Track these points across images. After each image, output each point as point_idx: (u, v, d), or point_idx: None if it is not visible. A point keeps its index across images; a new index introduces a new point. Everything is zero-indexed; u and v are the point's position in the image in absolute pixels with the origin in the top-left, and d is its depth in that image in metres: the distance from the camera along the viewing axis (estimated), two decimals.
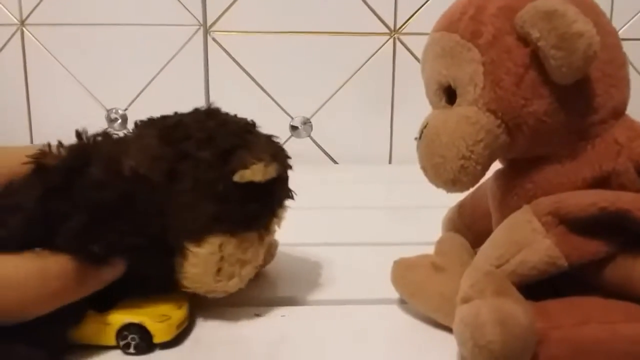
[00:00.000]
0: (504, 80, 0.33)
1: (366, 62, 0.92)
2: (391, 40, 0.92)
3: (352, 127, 0.94)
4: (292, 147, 0.95)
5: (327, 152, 0.95)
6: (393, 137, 0.94)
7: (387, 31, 0.91)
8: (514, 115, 0.33)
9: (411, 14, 0.91)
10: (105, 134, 0.38)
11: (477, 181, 0.35)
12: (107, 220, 0.34)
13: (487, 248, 0.35)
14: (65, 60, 0.92)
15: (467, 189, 0.35)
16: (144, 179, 0.36)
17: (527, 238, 0.32)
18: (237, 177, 0.36)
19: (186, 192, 0.37)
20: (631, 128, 0.34)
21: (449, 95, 0.36)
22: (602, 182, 0.33)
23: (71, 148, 0.36)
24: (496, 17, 0.33)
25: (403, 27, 0.91)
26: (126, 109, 0.94)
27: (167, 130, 0.39)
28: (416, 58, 0.92)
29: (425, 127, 0.36)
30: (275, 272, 0.49)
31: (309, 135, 0.95)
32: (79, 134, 0.37)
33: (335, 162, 0.96)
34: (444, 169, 0.34)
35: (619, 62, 0.35)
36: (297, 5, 0.91)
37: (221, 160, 0.37)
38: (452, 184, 0.34)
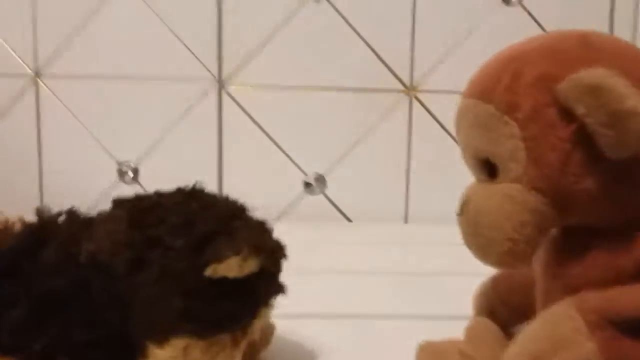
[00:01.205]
0: (549, 158, 0.30)
1: (382, 119, 0.91)
2: (407, 98, 0.90)
3: (367, 185, 0.92)
4: (306, 204, 0.94)
5: (341, 209, 0.93)
6: (409, 195, 0.92)
7: (404, 88, 0.90)
8: (563, 193, 0.31)
9: (428, 70, 0.90)
10: (70, 213, 0.35)
11: (529, 261, 0.32)
12: (54, 311, 0.31)
13: (523, 340, 0.32)
14: (77, 112, 0.91)
15: (519, 268, 0.33)
16: (102, 266, 0.32)
17: (567, 338, 0.29)
18: (209, 271, 0.32)
19: (150, 285, 0.32)
20: None
21: (489, 167, 0.33)
22: None
23: (27, 227, 0.33)
24: (534, 87, 0.31)
25: (420, 84, 0.90)
26: (138, 163, 0.92)
27: (139, 213, 0.35)
28: (432, 115, 0.90)
29: (465, 202, 0.34)
30: (273, 358, 0.43)
31: (323, 192, 0.92)
32: (39, 212, 0.34)
33: (349, 220, 0.93)
34: (490, 251, 0.32)
35: None
36: (313, 61, 0.90)
37: (195, 250, 0.33)
38: (501, 266, 0.32)
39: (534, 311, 0.38)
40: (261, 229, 0.37)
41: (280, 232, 0.94)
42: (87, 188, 0.92)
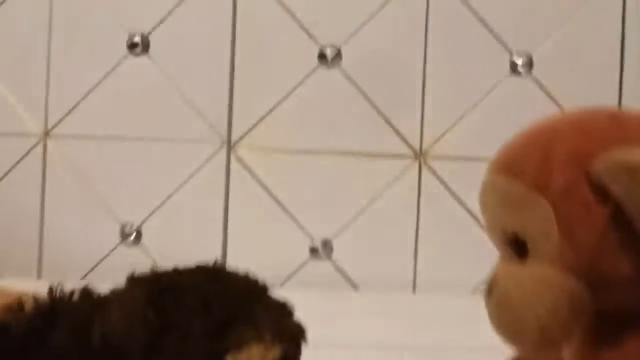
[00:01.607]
0: (584, 238, 0.29)
1: (391, 184, 0.90)
2: (416, 164, 0.90)
3: (374, 251, 0.90)
4: (311, 270, 0.92)
5: (348, 276, 0.91)
6: (417, 263, 0.90)
7: (413, 154, 0.90)
8: (600, 276, 0.29)
9: (437, 137, 0.90)
10: (84, 291, 0.34)
11: (562, 347, 0.30)
12: None
13: None
14: (83, 172, 0.91)
15: (551, 356, 0.31)
16: (116, 350, 0.31)
17: None
18: (230, 359, 0.31)
19: None
20: None
21: (518, 246, 0.32)
22: None
23: (38, 307, 0.32)
24: (566, 164, 0.30)
25: (429, 150, 0.90)
26: (141, 225, 0.91)
27: (156, 293, 0.34)
28: (442, 183, 0.89)
29: (494, 284, 0.32)
30: None
31: (329, 258, 0.90)
32: (50, 291, 0.33)
33: (356, 287, 0.90)
34: (522, 337, 0.30)
35: None
36: (322, 125, 0.90)
37: (214, 335, 0.32)
38: (533, 352, 0.30)
39: None
40: (283, 313, 0.36)
41: (285, 297, 0.91)
42: (89, 248, 0.91)
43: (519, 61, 0.89)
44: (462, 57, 0.90)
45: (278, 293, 0.90)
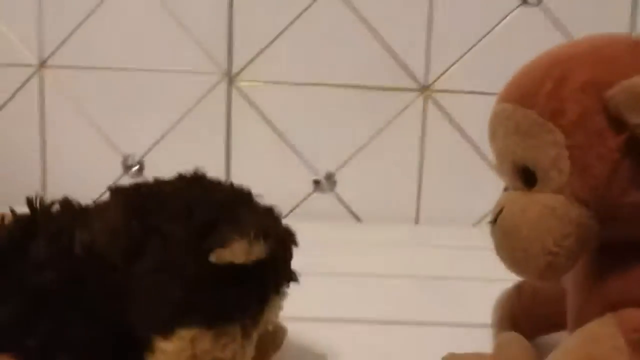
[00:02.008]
0: (595, 168, 0.28)
1: (395, 118, 0.89)
2: (422, 97, 0.88)
3: (378, 184, 0.90)
4: (315, 203, 0.92)
5: (351, 209, 0.91)
6: (421, 196, 0.90)
7: (418, 87, 0.88)
8: (609, 205, 0.29)
9: (444, 70, 0.88)
10: (65, 202, 0.33)
11: (567, 274, 0.30)
12: (46, 307, 0.29)
13: (559, 357, 0.30)
14: (83, 104, 0.90)
15: (557, 282, 0.31)
16: (98, 257, 0.30)
17: (607, 356, 0.28)
18: (214, 258, 0.30)
19: (150, 275, 0.30)
20: None
21: (527, 176, 0.31)
22: None
23: (17, 219, 0.31)
24: (582, 92, 0.29)
25: (434, 83, 0.88)
26: (143, 156, 0.90)
27: (136, 200, 0.33)
28: (447, 116, 0.88)
29: (500, 211, 0.32)
30: None
31: (333, 191, 0.91)
32: (30, 202, 0.32)
33: (359, 220, 0.91)
34: (527, 265, 0.30)
35: None
36: (326, 57, 0.88)
37: (197, 237, 0.31)
38: (538, 280, 0.30)
39: (558, 324, 0.36)
40: (268, 215, 0.35)
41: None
42: (91, 181, 0.90)
43: None
44: None
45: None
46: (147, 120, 0.90)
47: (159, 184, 0.35)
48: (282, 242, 0.34)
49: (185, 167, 0.92)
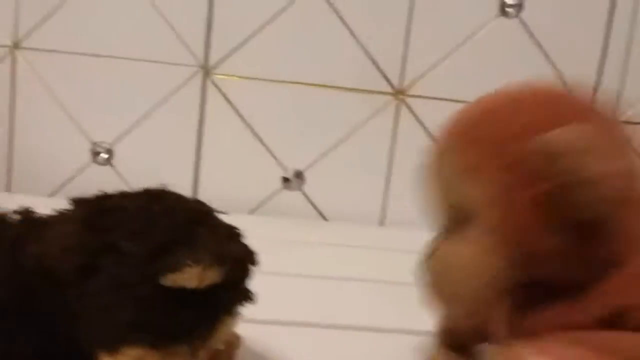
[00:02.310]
0: (521, 214, 0.29)
1: (368, 120, 0.89)
2: (395, 101, 0.89)
3: (346, 184, 0.91)
4: (283, 200, 0.92)
5: (318, 207, 0.92)
6: (388, 199, 0.91)
7: (393, 91, 0.89)
8: (532, 250, 0.30)
9: (419, 75, 0.88)
10: (25, 212, 0.33)
11: (489, 313, 0.31)
12: None
13: None
14: (55, 88, 0.89)
15: (483, 319, 0.32)
16: (49, 272, 0.30)
17: None
18: (166, 281, 0.30)
19: (102, 293, 0.30)
20: None
21: (458, 217, 0.32)
22: (618, 318, 0.30)
23: None
24: (512, 140, 0.30)
25: (409, 89, 0.89)
26: (113, 145, 0.90)
27: (95, 215, 0.33)
28: (420, 122, 0.89)
29: (431, 253, 0.32)
30: None
31: (300, 189, 0.91)
32: None
33: (325, 219, 0.92)
34: (455, 304, 0.31)
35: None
36: (303, 56, 0.88)
37: (152, 258, 0.31)
38: (465, 318, 0.31)
39: None
40: (228, 236, 0.35)
41: (254, 226, 0.93)
42: (58, 166, 0.90)
43: (509, 2, 0.87)
44: None
45: (248, 220, 0.91)
46: (120, 108, 0.89)
47: (122, 198, 0.35)
48: (240, 263, 0.35)
49: (156, 156, 0.92)
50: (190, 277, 0.31)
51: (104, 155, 0.90)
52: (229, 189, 0.89)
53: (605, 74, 0.90)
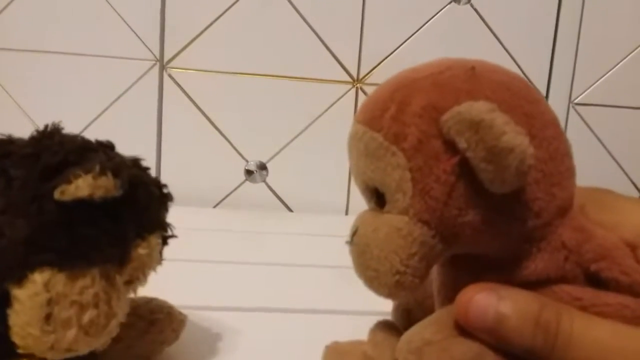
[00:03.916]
0: (434, 189, 0.29)
1: (327, 109, 0.90)
2: (353, 90, 0.90)
3: (310, 175, 0.91)
4: (247, 192, 0.92)
5: (282, 199, 0.92)
6: (351, 188, 0.92)
7: (350, 80, 0.89)
8: (448, 225, 0.30)
9: (376, 64, 0.89)
10: None
11: (416, 291, 0.32)
12: None
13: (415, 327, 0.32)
14: (9, 87, 0.87)
15: (407, 299, 0.32)
16: None
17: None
18: (57, 194, 0.29)
19: None
20: (580, 229, 0.31)
21: (378, 197, 0.32)
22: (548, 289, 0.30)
23: None
24: (420, 117, 0.30)
25: (366, 77, 0.89)
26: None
27: None
28: None
29: (355, 232, 0.33)
30: (181, 351, 0.42)
31: (264, 181, 0.91)
32: None
33: (290, 210, 0.92)
34: (378, 283, 0.31)
35: (561, 156, 0.31)
36: (259, 48, 0.88)
37: (43, 179, 0.30)
38: (389, 297, 0.31)
39: None
40: (132, 163, 0.35)
41: (219, 219, 0.92)
42: None
43: None
44: None
45: (212, 213, 0.90)
46: (77, 104, 0.88)
47: (12, 138, 0.35)
48: (139, 180, 0.34)
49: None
50: (81, 185, 0.29)
51: None
52: (192, 183, 0.89)
53: (556, 58, 0.92)
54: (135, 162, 0.36)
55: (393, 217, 0.31)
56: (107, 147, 0.35)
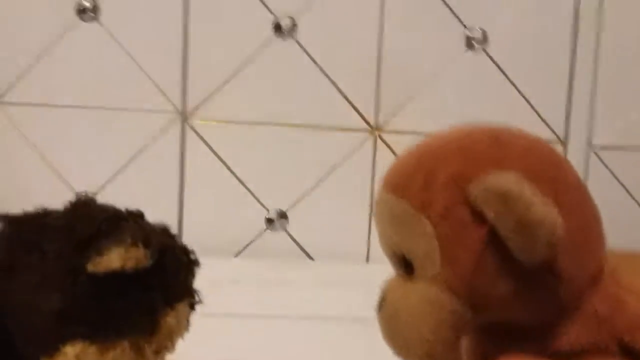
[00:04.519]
0: (462, 258, 0.29)
1: (347, 158, 0.90)
2: (372, 138, 0.90)
3: (330, 223, 0.91)
4: (267, 241, 0.93)
5: (303, 247, 0.92)
6: (371, 235, 0.92)
7: (369, 128, 0.90)
8: (478, 294, 0.30)
9: (393, 111, 0.90)
10: None
11: (448, 358, 0.31)
12: None
13: None
14: (36, 141, 0.89)
15: None
16: None
17: None
18: (90, 267, 0.30)
19: (28, 291, 0.31)
20: (613, 298, 0.31)
21: (406, 264, 0.33)
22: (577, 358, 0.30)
23: None
24: (447, 185, 0.30)
25: (384, 125, 0.90)
26: (96, 194, 0.90)
27: (19, 221, 0.34)
28: (396, 155, 0.90)
29: (383, 299, 0.33)
30: None
31: (285, 230, 0.92)
32: None
33: (311, 259, 0.92)
34: (407, 351, 0.31)
35: (589, 222, 0.31)
36: (279, 97, 0.90)
37: (76, 251, 0.31)
38: None
39: None
40: (161, 231, 0.36)
41: (241, 268, 0.92)
42: None
43: (474, 37, 0.89)
44: (418, 32, 0.90)
45: (234, 263, 0.91)
46: (101, 157, 0.90)
47: (47, 210, 0.36)
48: (170, 250, 0.34)
49: (139, 204, 0.92)
50: (113, 258, 0.30)
51: None
52: (213, 233, 0.90)
53: (574, 101, 0.92)
54: (164, 230, 0.36)
55: (422, 285, 0.31)
56: (137, 216, 0.36)
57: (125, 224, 0.33)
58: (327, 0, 0.88)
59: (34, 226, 0.33)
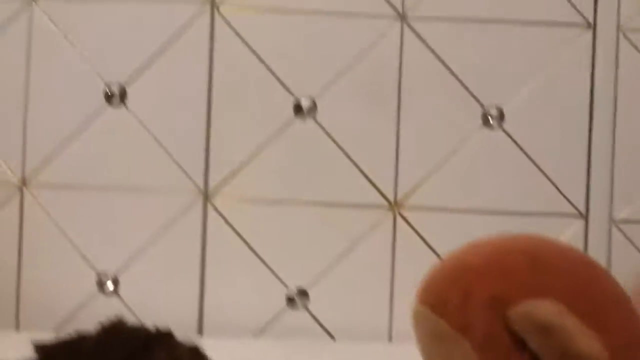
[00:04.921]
0: None
1: (366, 234, 0.91)
2: (391, 214, 0.91)
3: (351, 301, 0.91)
4: (288, 320, 0.92)
5: (324, 326, 0.91)
6: (393, 313, 0.91)
7: (388, 204, 0.91)
8: None
9: (412, 187, 0.91)
10: None
11: None
12: None
13: None
14: (60, 222, 0.91)
15: None
16: None
17: None
18: None
19: None
20: None
21: None
22: None
23: None
24: (485, 309, 0.30)
25: (403, 201, 0.91)
26: (119, 275, 0.91)
27: (52, 350, 0.34)
28: (416, 232, 0.90)
29: None
30: None
31: (305, 308, 0.91)
32: None
33: (332, 337, 0.91)
34: None
35: (632, 321, 0.31)
36: (298, 176, 0.91)
37: None
38: None
39: None
40: (191, 352, 0.36)
41: (261, 350, 0.91)
42: (67, 299, 0.91)
43: (491, 114, 0.91)
44: (435, 109, 0.92)
45: (254, 344, 0.90)
46: (123, 238, 0.91)
47: (80, 334, 0.37)
48: None
49: (161, 284, 0.93)
50: None
51: (110, 286, 0.91)
52: (234, 312, 0.90)
53: (593, 174, 0.92)
54: (194, 350, 0.37)
55: None
56: (167, 336, 0.36)
57: (158, 350, 0.34)
58: (345, 83, 0.91)
59: (66, 356, 0.33)
